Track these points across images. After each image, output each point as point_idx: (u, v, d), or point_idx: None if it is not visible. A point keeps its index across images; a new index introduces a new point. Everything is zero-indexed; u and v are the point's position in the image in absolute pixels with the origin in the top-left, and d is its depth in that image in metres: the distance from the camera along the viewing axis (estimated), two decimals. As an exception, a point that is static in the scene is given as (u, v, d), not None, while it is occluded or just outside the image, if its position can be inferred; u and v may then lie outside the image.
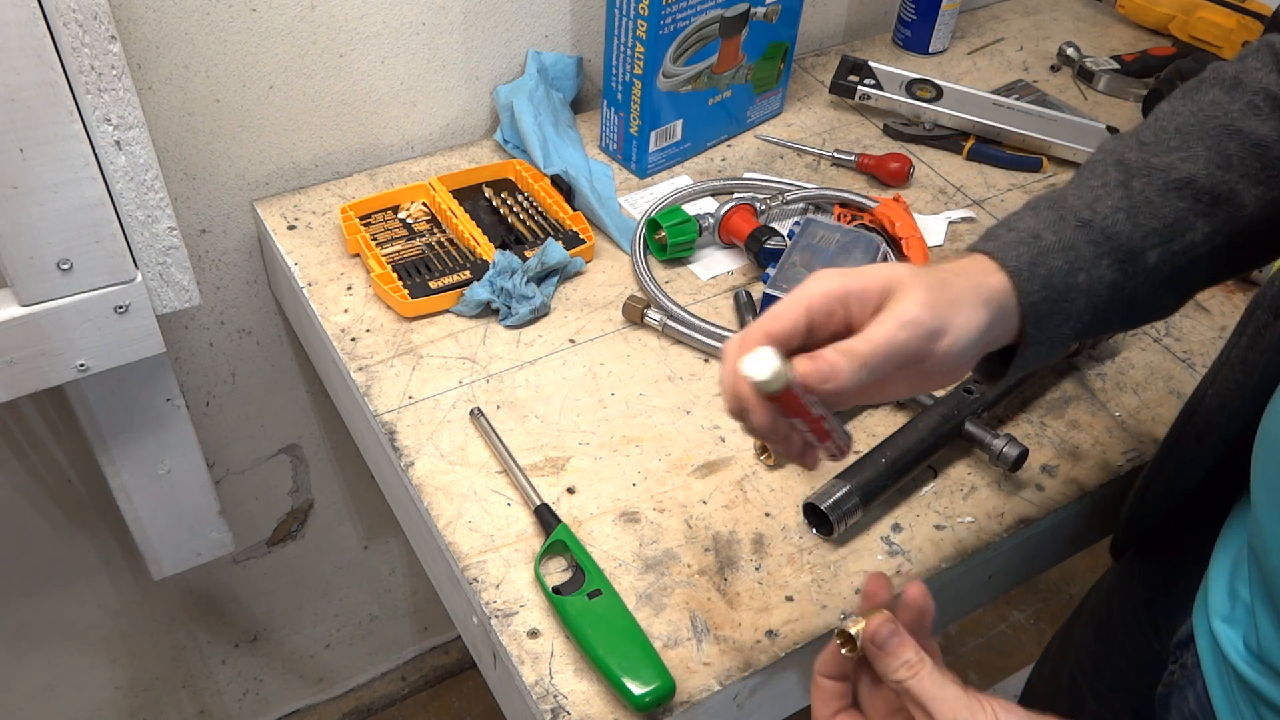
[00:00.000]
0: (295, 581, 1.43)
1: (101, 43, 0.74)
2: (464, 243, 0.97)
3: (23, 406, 1.05)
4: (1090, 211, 0.61)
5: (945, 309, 0.55)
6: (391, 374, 0.87)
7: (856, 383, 0.52)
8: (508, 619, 0.70)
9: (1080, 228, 0.60)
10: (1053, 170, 1.14)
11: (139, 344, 0.89)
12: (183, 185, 0.99)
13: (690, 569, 0.74)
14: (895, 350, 0.53)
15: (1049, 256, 0.59)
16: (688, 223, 0.97)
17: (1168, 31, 1.36)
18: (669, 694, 0.65)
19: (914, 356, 0.54)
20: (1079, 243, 0.60)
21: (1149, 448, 0.85)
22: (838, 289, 0.54)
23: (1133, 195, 0.61)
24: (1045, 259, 0.59)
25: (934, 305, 0.54)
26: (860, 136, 1.17)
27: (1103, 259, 0.60)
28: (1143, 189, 0.61)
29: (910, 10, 1.29)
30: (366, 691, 1.66)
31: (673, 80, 1.03)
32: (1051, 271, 0.59)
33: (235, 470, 1.24)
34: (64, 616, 1.26)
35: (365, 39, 1.00)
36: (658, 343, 0.91)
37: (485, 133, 1.14)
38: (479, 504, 0.77)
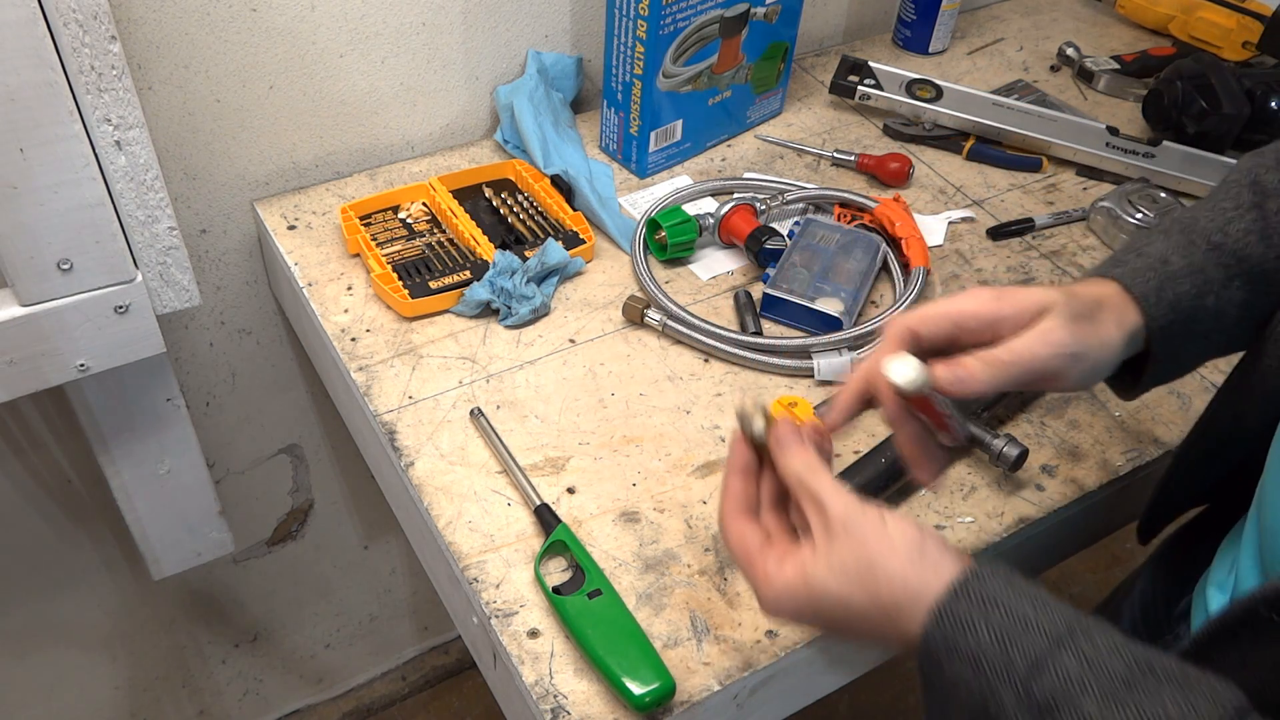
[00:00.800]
0: (295, 581, 1.43)
1: (102, 43, 0.74)
2: (464, 243, 0.97)
3: (23, 406, 1.05)
4: (1222, 234, 0.62)
5: (1088, 334, 0.58)
6: (391, 374, 0.87)
7: (990, 390, 0.57)
8: (508, 619, 0.70)
9: (1211, 250, 0.61)
10: (1053, 170, 1.14)
11: (139, 344, 0.89)
12: (183, 185, 0.99)
13: (690, 569, 0.74)
14: (1035, 368, 0.57)
15: (1177, 282, 0.60)
16: (688, 223, 0.97)
17: (1168, 31, 1.36)
18: (669, 694, 0.65)
19: (1050, 375, 0.58)
20: (1209, 266, 0.61)
21: (1149, 448, 0.85)
22: (990, 314, 0.58)
23: (1267, 217, 0.62)
24: (1172, 284, 0.60)
25: (1078, 330, 0.57)
26: (860, 136, 1.17)
27: (1233, 281, 0.61)
28: (1278, 210, 0.62)
29: (910, 10, 1.29)
30: (366, 691, 1.66)
31: (673, 80, 1.03)
32: (1179, 296, 0.60)
33: (235, 470, 1.24)
34: (64, 616, 1.26)
35: (365, 39, 1.00)
36: (658, 343, 0.91)
37: (485, 133, 1.14)
38: (479, 504, 0.77)
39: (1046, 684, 0.49)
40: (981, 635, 0.50)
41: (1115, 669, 0.48)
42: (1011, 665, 0.49)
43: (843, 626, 0.54)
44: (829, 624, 0.54)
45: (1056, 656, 0.49)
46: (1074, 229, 1.07)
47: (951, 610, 0.51)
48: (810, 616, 0.54)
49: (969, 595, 0.52)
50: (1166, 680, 0.48)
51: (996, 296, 0.58)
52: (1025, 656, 0.49)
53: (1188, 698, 0.47)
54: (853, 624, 0.54)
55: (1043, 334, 0.57)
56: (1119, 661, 0.49)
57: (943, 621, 0.51)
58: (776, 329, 0.93)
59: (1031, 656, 0.49)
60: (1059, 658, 0.49)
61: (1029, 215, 1.07)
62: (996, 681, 0.50)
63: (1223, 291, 0.61)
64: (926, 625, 0.52)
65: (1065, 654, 0.49)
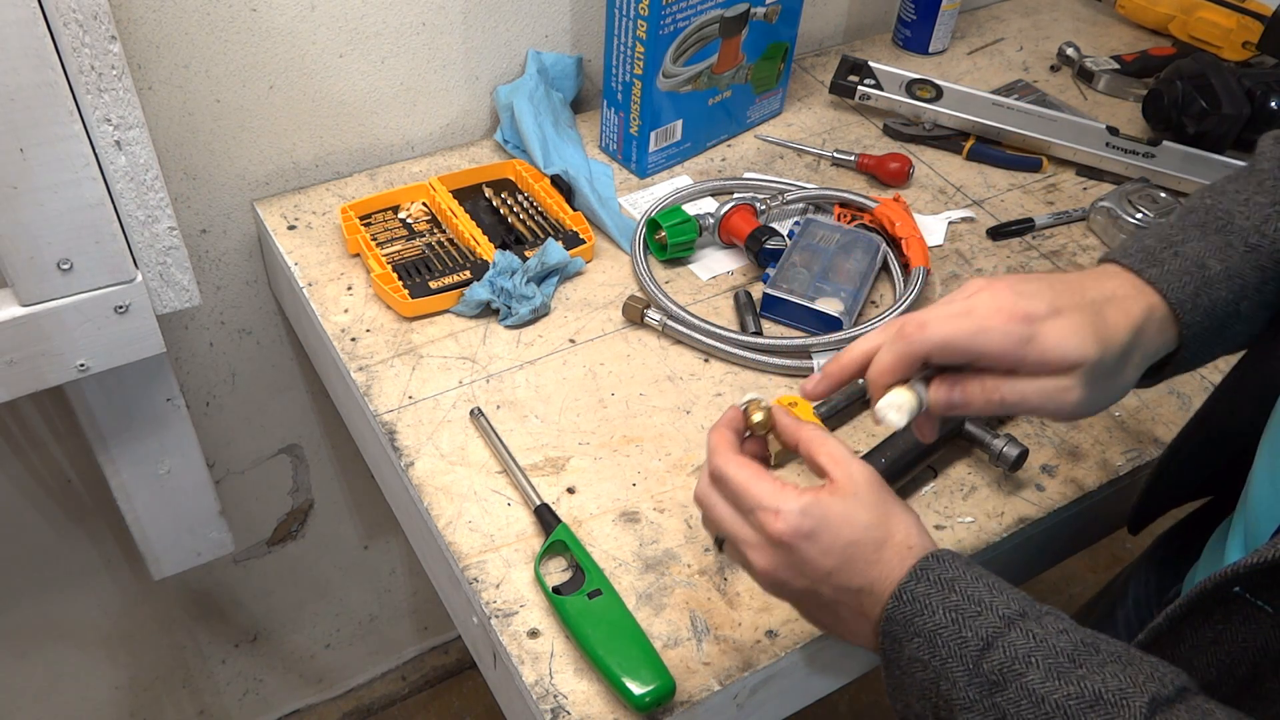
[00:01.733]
0: (295, 581, 1.43)
1: (102, 43, 0.74)
2: (464, 243, 0.97)
3: (23, 406, 1.05)
4: (1259, 235, 0.61)
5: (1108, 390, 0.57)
6: (391, 374, 0.87)
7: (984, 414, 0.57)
8: (508, 619, 0.70)
9: (1249, 253, 0.60)
10: (1053, 170, 1.14)
11: (139, 344, 0.89)
12: (183, 185, 0.99)
13: (690, 569, 0.74)
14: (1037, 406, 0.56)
15: (1214, 288, 0.59)
16: (688, 223, 0.97)
17: (1168, 31, 1.36)
18: (669, 694, 0.65)
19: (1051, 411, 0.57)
20: (1246, 269, 0.60)
21: (1149, 448, 0.85)
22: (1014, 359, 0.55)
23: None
24: (1209, 290, 0.59)
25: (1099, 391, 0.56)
26: (860, 136, 1.17)
27: (1268, 284, 0.61)
28: None
29: (910, 10, 1.29)
30: (366, 691, 1.66)
31: (673, 80, 1.03)
32: (1215, 303, 0.59)
33: (235, 470, 1.24)
34: (64, 616, 1.26)
35: (365, 39, 1.00)
36: (658, 343, 0.91)
37: (485, 133, 1.14)
38: (479, 504, 0.77)
39: (996, 660, 0.51)
40: (937, 614, 0.53)
41: (1061, 647, 0.51)
42: (964, 643, 0.52)
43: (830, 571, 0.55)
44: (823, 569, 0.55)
45: (1006, 635, 0.51)
46: (1074, 229, 1.07)
47: (911, 591, 0.54)
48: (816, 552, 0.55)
49: (928, 577, 0.54)
50: (1111, 658, 0.50)
51: (1026, 341, 0.54)
52: (978, 635, 0.52)
53: (1128, 673, 0.49)
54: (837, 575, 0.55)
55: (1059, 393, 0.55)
56: (1066, 641, 0.51)
57: (902, 601, 0.54)
58: (776, 329, 0.93)
59: (984, 635, 0.51)
60: (1009, 636, 0.51)
61: (1029, 215, 1.07)
62: (950, 658, 0.52)
63: (1256, 295, 0.60)
64: (888, 605, 0.54)
65: (1015, 633, 0.51)
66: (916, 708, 0.55)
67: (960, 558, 0.55)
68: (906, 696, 0.55)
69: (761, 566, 0.57)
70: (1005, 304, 0.55)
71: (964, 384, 0.56)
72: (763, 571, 0.57)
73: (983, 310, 0.55)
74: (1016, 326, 0.54)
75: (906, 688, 0.55)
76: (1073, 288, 0.57)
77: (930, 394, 0.57)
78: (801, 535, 0.55)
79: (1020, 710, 0.50)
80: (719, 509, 0.59)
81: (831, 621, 0.59)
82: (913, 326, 0.56)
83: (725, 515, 0.59)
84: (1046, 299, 0.55)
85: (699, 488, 0.61)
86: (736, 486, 0.57)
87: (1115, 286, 0.59)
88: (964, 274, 1.00)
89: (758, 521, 0.56)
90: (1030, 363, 0.55)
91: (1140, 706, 0.47)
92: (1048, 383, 0.55)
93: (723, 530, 0.59)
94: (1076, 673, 0.49)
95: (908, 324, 0.56)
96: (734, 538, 0.58)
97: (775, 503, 0.55)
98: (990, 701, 0.51)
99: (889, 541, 0.55)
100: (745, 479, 0.57)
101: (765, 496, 0.56)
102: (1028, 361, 0.55)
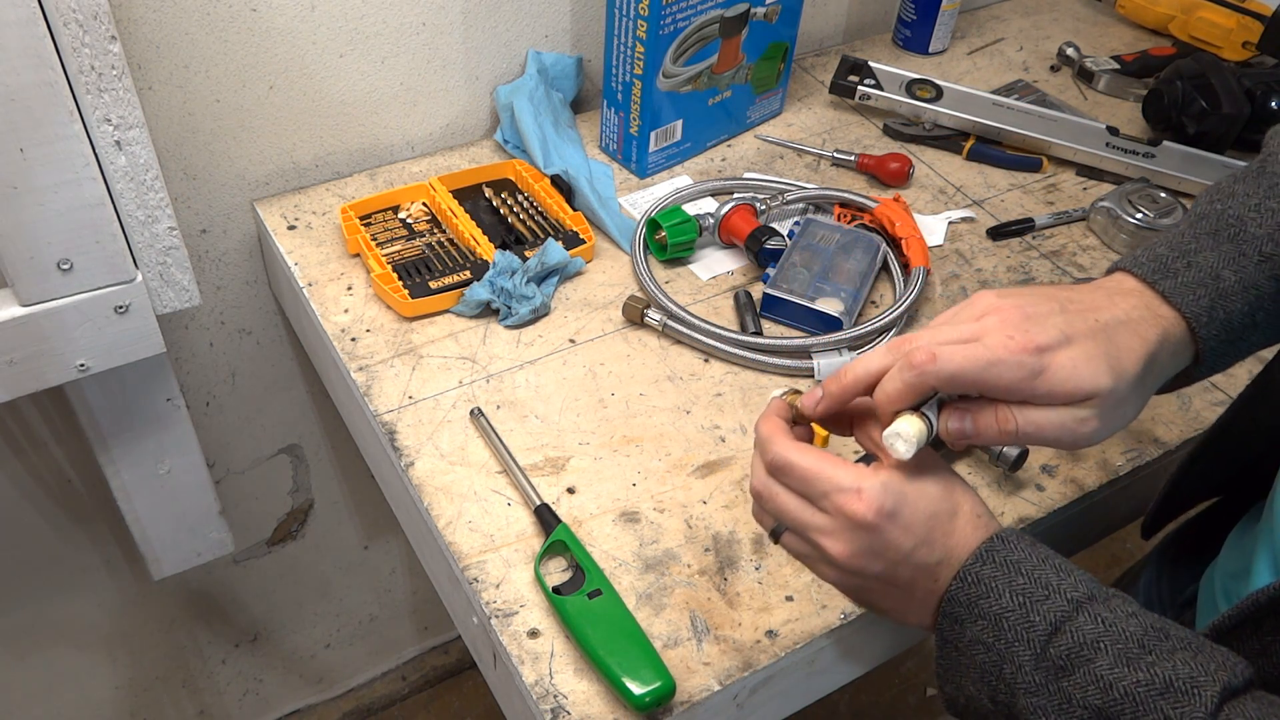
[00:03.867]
0: (295, 581, 1.43)
1: (101, 43, 0.74)
2: (464, 243, 0.97)
3: (23, 406, 1.05)
4: (1273, 244, 0.59)
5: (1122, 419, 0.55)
6: (391, 374, 0.87)
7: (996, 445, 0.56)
8: (508, 619, 0.70)
9: (1263, 262, 0.59)
10: (1053, 170, 1.14)
11: (139, 344, 0.89)
12: (183, 185, 0.99)
13: (690, 569, 0.74)
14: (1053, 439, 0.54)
15: (1229, 300, 0.58)
16: (688, 223, 0.97)
17: (1168, 31, 1.36)
18: (669, 694, 0.65)
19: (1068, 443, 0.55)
20: (1261, 280, 0.59)
21: (1149, 448, 0.85)
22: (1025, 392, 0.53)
23: None
24: (1225, 302, 0.58)
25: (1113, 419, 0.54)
26: (860, 136, 1.17)
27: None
28: None
29: (910, 10, 1.29)
30: (366, 691, 1.66)
31: (673, 80, 1.03)
32: (1231, 315, 0.58)
33: (235, 470, 1.24)
34: (64, 616, 1.26)
35: (365, 39, 1.00)
36: (658, 343, 0.91)
37: (485, 133, 1.14)
38: (479, 504, 0.77)
39: (1064, 645, 0.50)
40: (1004, 598, 0.52)
41: (1131, 631, 0.50)
42: (1031, 627, 0.51)
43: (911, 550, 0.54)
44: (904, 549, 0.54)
45: (1074, 620, 0.50)
46: (1074, 229, 1.07)
47: (976, 573, 0.53)
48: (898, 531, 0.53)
49: (993, 559, 0.53)
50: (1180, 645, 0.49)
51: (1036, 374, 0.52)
52: (1045, 619, 0.51)
53: (1199, 660, 0.48)
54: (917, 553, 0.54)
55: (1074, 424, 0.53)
56: (1135, 625, 0.50)
57: (966, 583, 0.53)
58: (776, 329, 0.93)
59: (1051, 619, 0.51)
60: (1077, 621, 0.50)
61: (1029, 215, 1.07)
62: (1015, 642, 0.51)
63: (1272, 305, 0.60)
64: (951, 585, 0.53)
65: (1083, 617, 0.50)
66: (971, 690, 0.54)
67: (1025, 537, 0.54)
68: (960, 678, 0.54)
69: (838, 553, 0.55)
70: (1016, 332, 0.53)
71: (976, 414, 0.54)
72: (840, 558, 0.55)
73: (992, 339, 0.53)
74: (1028, 359, 0.52)
75: (963, 668, 0.54)
76: (1084, 309, 0.55)
77: (941, 424, 0.55)
78: (886, 514, 0.53)
79: (1087, 696, 0.49)
80: (782, 498, 0.57)
81: (900, 605, 0.57)
82: (922, 356, 0.53)
83: (791, 505, 0.56)
84: (1058, 326, 0.53)
85: (756, 480, 0.58)
86: (805, 472, 0.55)
87: (1129, 307, 0.57)
88: (964, 274, 1.00)
89: (835, 505, 0.54)
90: (1041, 395, 0.53)
91: (1211, 696, 0.46)
92: (1064, 414, 0.53)
93: (789, 520, 0.57)
94: (1146, 659, 0.48)
95: (916, 353, 0.53)
96: (803, 527, 0.56)
97: (855, 482, 0.53)
98: (1056, 686, 0.50)
99: (960, 511, 0.55)
100: (813, 463, 0.55)
101: (842, 478, 0.54)
102: (1039, 394, 0.53)
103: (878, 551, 0.54)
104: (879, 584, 0.56)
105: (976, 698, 0.54)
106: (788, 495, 0.57)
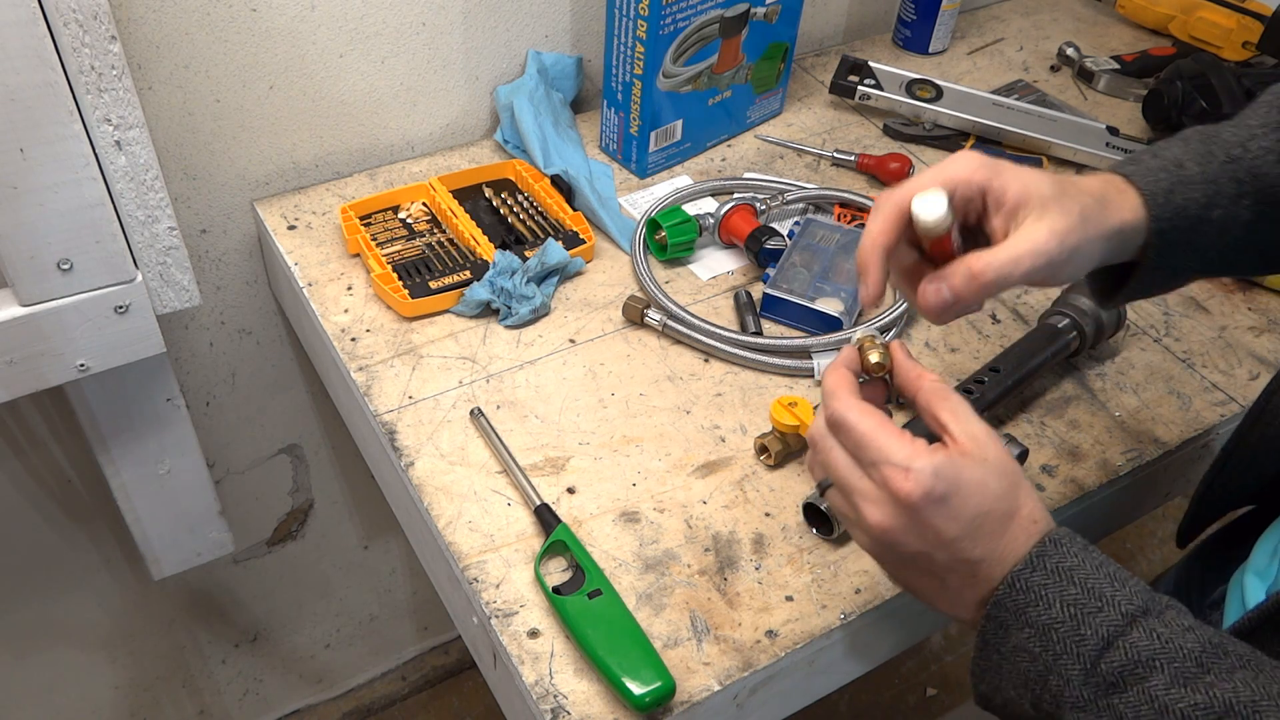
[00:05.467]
0: (295, 581, 1.43)
1: (102, 43, 0.74)
2: (464, 243, 0.97)
3: (23, 406, 1.05)
4: (1241, 149, 0.60)
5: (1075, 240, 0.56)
6: (391, 374, 0.87)
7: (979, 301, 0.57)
8: (508, 619, 0.70)
9: (1227, 163, 0.60)
10: (1053, 170, 1.14)
11: (139, 344, 0.89)
12: (183, 185, 0.99)
13: (690, 569, 0.74)
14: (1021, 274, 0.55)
15: (1188, 187, 0.59)
16: (688, 223, 0.97)
17: (1168, 31, 1.36)
18: (669, 694, 0.65)
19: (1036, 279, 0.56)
20: (1222, 178, 0.59)
21: (1149, 448, 0.85)
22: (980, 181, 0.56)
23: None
24: (1183, 189, 0.59)
25: (1065, 236, 0.55)
26: (860, 136, 1.17)
27: (1244, 198, 0.60)
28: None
29: (910, 10, 1.29)
30: (366, 691, 1.66)
31: (673, 80, 1.03)
32: (1188, 202, 0.58)
33: (235, 470, 1.24)
34: (64, 616, 1.26)
35: (365, 39, 1.00)
36: (658, 343, 0.91)
37: (485, 133, 1.14)
38: (479, 504, 0.77)
39: (1116, 661, 0.48)
40: (1054, 608, 0.50)
41: (1189, 649, 0.48)
42: (1082, 641, 0.49)
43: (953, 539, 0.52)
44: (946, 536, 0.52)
45: (1128, 635, 0.48)
46: (1074, 229, 1.07)
47: (1026, 580, 0.51)
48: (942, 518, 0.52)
49: (1044, 565, 0.51)
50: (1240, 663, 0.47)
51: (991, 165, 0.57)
52: (1097, 633, 0.49)
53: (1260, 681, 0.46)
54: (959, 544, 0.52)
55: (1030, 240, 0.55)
56: (1192, 641, 0.48)
57: (1015, 589, 0.51)
58: (776, 329, 0.93)
59: (1103, 634, 0.49)
60: (1131, 636, 0.48)
61: (1029, 215, 1.07)
62: (1064, 654, 0.49)
63: (1231, 207, 0.59)
64: (998, 589, 0.51)
65: (1137, 632, 0.48)
66: (1010, 694, 0.52)
67: (1078, 541, 0.52)
68: (999, 680, 0.53)
69: (876, 522, 0.53)
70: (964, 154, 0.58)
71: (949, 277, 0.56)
72: (876, 528, 0.54)
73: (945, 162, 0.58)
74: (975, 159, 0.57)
75: (1003, 673, 0.52)
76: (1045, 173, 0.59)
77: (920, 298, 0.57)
78: (933, 499, 0.51)
79: (1140, 715, 0.47)
80: (834, 454, 0.56)
81: (932, 589, 0.55)
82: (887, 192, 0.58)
83: (841, 463, 0.55)
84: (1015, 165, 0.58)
85: (813, 429, 0.57)
86: (860, 437, 0.54)
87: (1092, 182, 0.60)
88: (964, 274, 1.00)
89: (882, 477, 0.53)
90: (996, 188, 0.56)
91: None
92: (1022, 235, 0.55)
93: (836, 478, 0.56)
94: (1204, 679, 0.46)
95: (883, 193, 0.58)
96: (848, 489, 0.55)
97: (905, 459, 0.52)
98: (1106, 702, 0.48)
99: (1017, 514, 0.53)
100: (870, 429, 0.54)
101: (894, 452, 0.52)
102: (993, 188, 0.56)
103: (915, 532, 0.53)
104: (913, 564, 0.55)
105: (1016, 701, 0.52)
106: (840, 453, 0.56)
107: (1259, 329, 0.96)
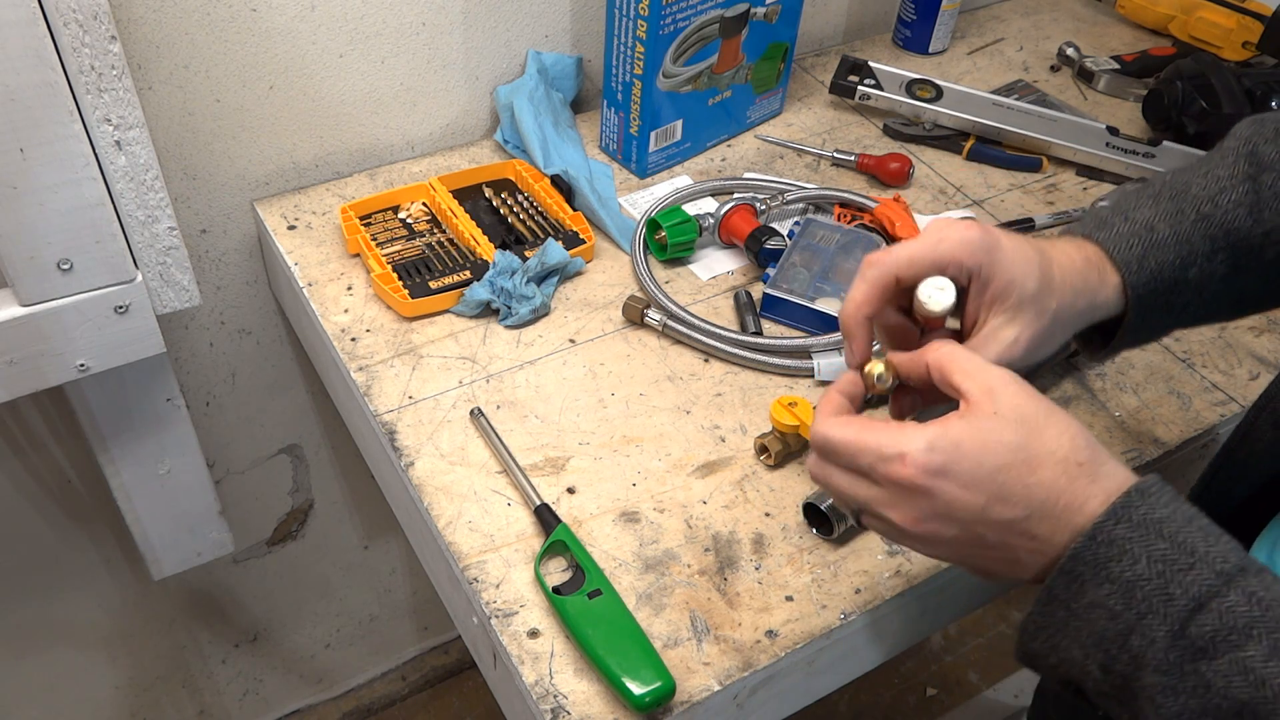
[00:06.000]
0: (295, 581, 1.43)
1: (102, 43, 0.74)
2: (464, 243, 0.97)
3: (23, 406, 1.05)
4: (1212, 205, 0.60)
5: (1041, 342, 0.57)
6: (391, 374, 0.87)
7: None
8: (508, 619, 0.70)
9: (1199, 221, 0.60)
10: (1053, 170, 1.14)
11: (139, 344, 0.89)
12: (183, 185, 0.99)
13: (690, 569, 0.74)
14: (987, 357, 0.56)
15: (1161, 250, 0.59)
16: (688, 223, 0.97)
17: (1168, 31, 1.36)
18: (669, 694, 0.65)
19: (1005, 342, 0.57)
20: (1195, 237, 0.59)
21: (1149, 448, 0.85)
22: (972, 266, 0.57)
23: (1260, 191, 0.60)
24: (1157, 253, 0.59)
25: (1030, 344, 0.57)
26: (860, 136, 1.17)
27: (1218, 254, 0.60)
28: (1272, 184, 0.60)
29: (910, 10, 1.29)
30: (366, 691, 1.66)
31: (673, 80, 1.03)
32: (1162, 266, 0.59)
33: (235, 470, 1.24)
34: (64, 616, 1.26)
35: (365, 39, 1.00)
36: (658, 343, 0.91)
37: (485, 133, 1.14)
38: (479, 504, 0.77)
39: (1208, 625, 0.45)
40: (1140, 564, 0.46)
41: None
42: (1171, 600, 0.45)
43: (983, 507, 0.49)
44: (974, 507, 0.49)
45: (1224, 596, 0.45)
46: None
47: (1109, 533, 0.47)
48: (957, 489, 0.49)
49: (1130, 517, 0.47)
50: None
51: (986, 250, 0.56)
52: (1188, 594, 0.45)
53: None
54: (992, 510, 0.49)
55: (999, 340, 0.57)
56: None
57: (1096, 542, 0.47)
58: (776, 329, 0.93)
59: (1195, 594, 0.45)
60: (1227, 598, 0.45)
61: (1029, 215, 1.07)
62: (1149, 614, 0.46)
63: (1205, 264, 0.60)
64: (1077, 542, 0.48)
65: (1235, 594, 0.45)
66: (1073, 653, 0.49)
67: (1167, 490, 0.48)
68: (1060, 639, 0.49)
69: (904, 522, 0.51)
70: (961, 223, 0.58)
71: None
72: (909, 527, 0.51)
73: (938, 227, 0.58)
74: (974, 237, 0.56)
75: (1069, 631, 0.48)
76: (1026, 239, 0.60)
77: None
78: (934, 473, 0.49)
79: (1231, 686, 0.44)
80: (836, 479, 0.54)
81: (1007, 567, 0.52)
82: (876, 255, 0.57)
83: (845, 483, 0.53)
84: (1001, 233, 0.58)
85: (810, 466, 0.56)
86: (845, 446, 0.52)
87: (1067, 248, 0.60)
88: (964, 274, 1.00)
89: (883, 475, 0.51)
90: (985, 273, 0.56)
91: None
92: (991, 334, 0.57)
93: (848, 502, 0.54)
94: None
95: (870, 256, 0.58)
96: (864, 504, 0.53)
97: (896, 447, 0.50)
98: (1193, 667, 0.44)
99: (1043, 461, 0.49)
100: (852, 435, 0.52)
101: (883, 444, 0.51)
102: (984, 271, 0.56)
103: (942, 514, 0.50)
104: (967, 548, 0.52)
105: (1079, 661, 0.48)
106: (840, 474, 0.54)
107: (1259, 329, 0.96)
